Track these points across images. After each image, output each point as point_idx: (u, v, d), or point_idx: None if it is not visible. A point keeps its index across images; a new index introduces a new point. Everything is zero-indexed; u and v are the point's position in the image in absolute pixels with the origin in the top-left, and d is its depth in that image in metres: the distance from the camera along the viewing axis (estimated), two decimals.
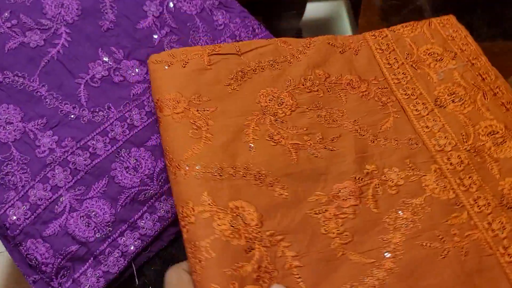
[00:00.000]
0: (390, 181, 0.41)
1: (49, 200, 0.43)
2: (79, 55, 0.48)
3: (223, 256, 0.33)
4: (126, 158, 0.45)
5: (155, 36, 0.50)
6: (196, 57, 0.45)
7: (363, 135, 0.44)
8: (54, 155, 0.45)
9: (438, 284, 0.36)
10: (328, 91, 0.46)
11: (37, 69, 0.47)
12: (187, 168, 0.37)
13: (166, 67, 0.44)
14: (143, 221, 0.44)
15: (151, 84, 0.44)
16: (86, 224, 0.43)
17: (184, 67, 0.44)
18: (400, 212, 0.40)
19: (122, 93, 0.48)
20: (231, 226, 0.35)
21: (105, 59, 0.48)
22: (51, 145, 0.45)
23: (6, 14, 0.47)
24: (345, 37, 0.51)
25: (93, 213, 0.43)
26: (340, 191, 0.40)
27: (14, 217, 0.42)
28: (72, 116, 0.46)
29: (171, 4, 0.52)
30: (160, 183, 0.45)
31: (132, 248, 0.43)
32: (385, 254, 0.37)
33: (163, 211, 0.45)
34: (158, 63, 0.44)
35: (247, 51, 0.46)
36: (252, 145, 0.41)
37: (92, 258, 0.43)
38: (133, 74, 0.49)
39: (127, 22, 0.50)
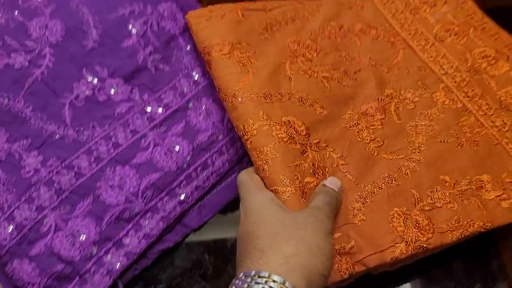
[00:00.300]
0: (407, 99, 0.50)
1: (35, 220, 0.44)
2: (64, 75, 0.49)
3: (285, 155, 0.42)
4: (111, 176, 0.46)
5: (139, 55, 0.51)
6: (231, 12, 0.52)
7: (379, 68, 0.53)
8: (39, 175, 0.45)
9: (458, 167, 0.46)
10: (343, 37, 0.55)
11: (22, 90, 0.47)
12: (243, 94, 0.45)
13: (206, 20, 0.50)
14: (128, 239, 0.45)
15: (194, 36, 0.51)
16: (71, 243, 0.43)
17: (222, 19, 0.51)
18: (419, 120, 0.49)
19: (107, 112, 0.49)
20: (287, 134, 0.43)
21: (89, 78, 0.49)
22: (36, 165, 0.46)
23: None
24: None
25: (78, 232, 0.44)
26: (367, 109, 0.49)
27: (0, 238, 0.43)
28: (57, 136, 0.47)
29: (155, 23, 0.52)
30: (145, 200, 0.46)
31: (117, 266, 0.44)
32: (412, 151, 0.47)
33: (148, 229, 0.46)
34: (198, 18, 0.51)
35: (272, 9, 0.54)
36: (291, 77, 0.49)
37: (78, 277, 0.43)
38: (117, 93, 0.49)
39: (111, 41, 0.50)
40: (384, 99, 0.50)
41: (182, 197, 0.47)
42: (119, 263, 0.44)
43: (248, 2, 0.54)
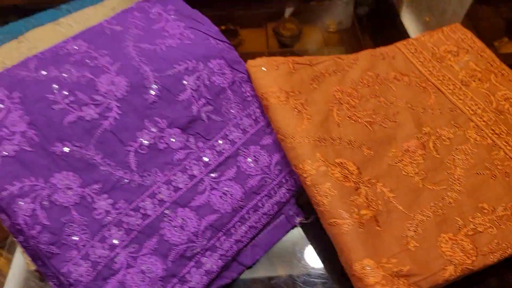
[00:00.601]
0: (443, 136, 0.58)
1: (107, 258, 0.49)
2: (128, 126, 0.54)
3: (342, 192, 0.48)
4: (173, 217, 0.51)
5: (194, 107, 0.57)
6: (284, 64, 0.60)
7: (415, 109, 0.60)
8: (109, 216, 0.50)
9: (494, 196, 0.52)
10: (380, 84, 0.63)
11: (92, 139, 0.53)
12: (300, 137, 0.51)
13: (264, 69, 0.58)
14: (191, 275, 0.50)
15: (253, 83, 0.59)
16: (141, 279, 0.48)
17: (277, 69, 0.59)
18: (455, 154, 0.56)
19: (167, 159, 0.54)
20: (341, 174, 0.49)
21: (151, 128, 0.55)
22: (106, 207, 0.51)
23: (65, 92, 0.53)
24: (381, 48, 0.69)
25: (147, 269, 0.49)
26: (409, 146, 0.55)
27: (77, 274, 0.47)
28: (125, 180, 0.52)
29: (206, 78, 0.59)
30: (204, 240, 0.51)
31: None
32: (453, 182, 0.53)
33: (209, 265, 0.51)
34: (256, 67, 0.59)
35: (316, 64, 0.63)
36: (339, 123, 0.56)
37: None
38: (175, 141, 0.55)
39: (169, 95, 0.57)
40: (422, 137, 0.57)
41: (238, 236, 0.53)
42: None
43: (296, 57, 0.62)
